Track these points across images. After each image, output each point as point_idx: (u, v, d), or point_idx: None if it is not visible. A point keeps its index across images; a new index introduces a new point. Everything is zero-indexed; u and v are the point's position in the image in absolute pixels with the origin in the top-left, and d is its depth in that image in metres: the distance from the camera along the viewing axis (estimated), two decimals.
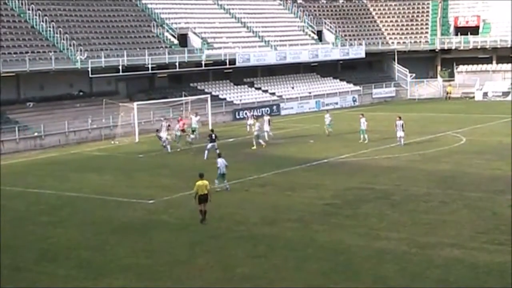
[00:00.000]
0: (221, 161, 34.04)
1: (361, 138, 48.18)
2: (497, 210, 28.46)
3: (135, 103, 57.14)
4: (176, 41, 71.47)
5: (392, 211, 29.00)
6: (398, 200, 30.96)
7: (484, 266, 21.51)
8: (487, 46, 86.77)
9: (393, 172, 37.72)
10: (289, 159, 42.59)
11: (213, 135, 44.89)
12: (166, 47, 69.16)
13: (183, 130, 51.72)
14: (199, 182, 28.50)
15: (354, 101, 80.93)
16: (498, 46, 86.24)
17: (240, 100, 71.74)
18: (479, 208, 28.90)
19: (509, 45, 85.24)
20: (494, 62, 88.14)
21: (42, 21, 62.49)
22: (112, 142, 54.57)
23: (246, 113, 62.90)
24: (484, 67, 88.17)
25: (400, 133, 45.83)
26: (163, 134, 48.92)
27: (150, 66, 64.51)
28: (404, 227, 26.32)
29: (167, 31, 71.80)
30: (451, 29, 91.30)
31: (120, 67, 62.32)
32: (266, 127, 50.87)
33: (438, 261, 22.26)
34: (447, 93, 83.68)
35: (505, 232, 25.22)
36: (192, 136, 50.58)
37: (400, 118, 46.52)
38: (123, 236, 26.73)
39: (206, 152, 43.82)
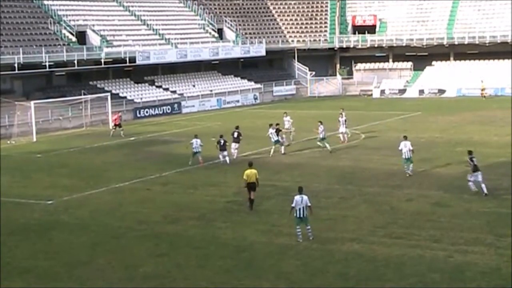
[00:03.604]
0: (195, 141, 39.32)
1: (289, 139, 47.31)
2: (395, 205, 29.17)
3: (32, 102, 56.01)
4: (74, 39, 70.16)
5: None
6: None
7: (383, 260, 22.00)
8: (384, 45, 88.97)
9: (294, 169, 38.12)
10: (190, 157, 42.41)
11: (222, 141, 39.72)
12: (64, 44, 67.77)
13: (117, 125, 53.96)
14: (248, 171, 28.60)
15: (255, 99, 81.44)
16: (394, 45, 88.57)
17: (141, 99, 71.09)
18: (377, 203, 29.55)
19: (404, 44, 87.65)
20: (390, 60, 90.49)
21: None
22: (8, 142, 53.13)
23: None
24: (381, 65, 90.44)
25: (342, 129, 46.13)
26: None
27: (47, 64, 63.12)
28: None
29: (65, 28, 70.39)
30: (349, 28, 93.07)
31: (16, 65, 60.72)
32: None
33: (339, 255, 22.64)
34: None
35: (402, 226, 25.89)
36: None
37: (342, 114, 46.85)
38: (21, 238, 26.05)
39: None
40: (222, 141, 39.66)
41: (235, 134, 41.40)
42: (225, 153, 39.72)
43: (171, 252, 23.64)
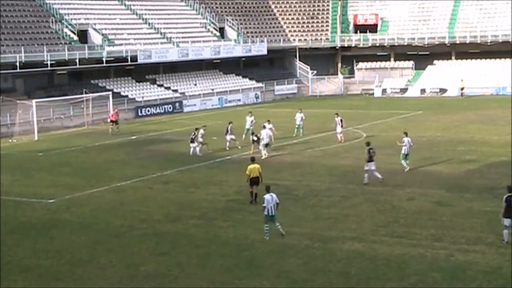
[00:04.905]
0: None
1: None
2: (396, 204, 29.15)
3: (34, 101, 55.99)
4: (75, 37, 70.16)
5: (295, 206, 29.29)
6: (301, 195, 31.29)
7: (384, 259, 21.99)
8: (385, 44, 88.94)
9: (296, 168, 38.11)
10: (192, 156, 42.45)
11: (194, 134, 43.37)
12: (65, 43, 67.76)
13: (113, 121, 55.30)
14: (251, 166, 29.12)
15: (257, 98, 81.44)
16: (396, 44, 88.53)
17: (143, 97, 71.09)
18: (379, 202, 29.53)
19: (405, 43, 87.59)
20: (392, 59, 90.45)
21: None
22: (10, 140, 53.15)
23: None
24: (382, 64, 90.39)
25: (339, 129, 46.52)
26: None
27: (49, 62, 63.13)
28: (306, 222, 26.65)
29: (66, 27, 70.40)
30: (351, 27, 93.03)
31: (18, 64, 60.73)
32: None
33: (340, 254, 22.63)
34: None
35: (404, 225, 25.88)
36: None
37: (337, 114, 47.23)
38: (22, 236, 26.04)
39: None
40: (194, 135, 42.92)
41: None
42: (194, 145, 42.70)
43: (172, 251, 23.64)
